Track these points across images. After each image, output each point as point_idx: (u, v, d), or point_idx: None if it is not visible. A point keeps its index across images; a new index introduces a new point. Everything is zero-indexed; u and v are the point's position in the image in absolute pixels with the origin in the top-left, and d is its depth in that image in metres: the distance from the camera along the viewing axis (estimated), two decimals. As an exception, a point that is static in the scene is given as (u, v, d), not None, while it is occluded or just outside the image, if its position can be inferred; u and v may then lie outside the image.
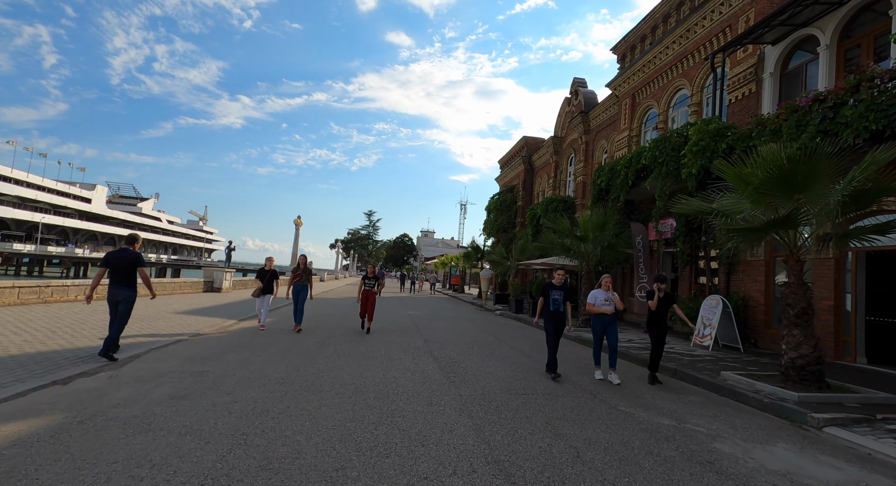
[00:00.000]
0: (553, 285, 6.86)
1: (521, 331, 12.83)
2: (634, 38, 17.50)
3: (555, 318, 6.77)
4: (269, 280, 9.86)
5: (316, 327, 10.62)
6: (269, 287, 9.90)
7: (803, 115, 8.28)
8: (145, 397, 4.39)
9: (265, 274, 9.96)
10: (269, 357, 6.71)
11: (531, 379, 6.38)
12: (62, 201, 75.57)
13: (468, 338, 10.41)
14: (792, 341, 6.36)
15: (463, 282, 39.33)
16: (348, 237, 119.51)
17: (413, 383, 5.66)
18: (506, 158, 34.59)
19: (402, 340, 9.45)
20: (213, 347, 7.33)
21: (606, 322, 6.77)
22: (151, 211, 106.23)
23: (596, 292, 6.92)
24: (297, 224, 29.62)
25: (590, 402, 5.34)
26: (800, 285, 6.42)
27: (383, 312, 15.88)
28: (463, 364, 7.11)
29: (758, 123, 9.38)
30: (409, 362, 6.96)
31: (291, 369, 6.02)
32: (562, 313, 6.77)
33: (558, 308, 6.76)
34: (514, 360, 7.89)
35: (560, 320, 6.79)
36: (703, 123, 10.57)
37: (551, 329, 6.82)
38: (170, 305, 12.87)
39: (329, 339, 8.97)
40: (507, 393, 5.44)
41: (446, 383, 5.75)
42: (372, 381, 5.62)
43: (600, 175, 15.74)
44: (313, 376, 5.64)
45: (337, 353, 7.44)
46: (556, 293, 6.77)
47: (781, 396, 5.89)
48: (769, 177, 6.12)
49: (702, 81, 13.88)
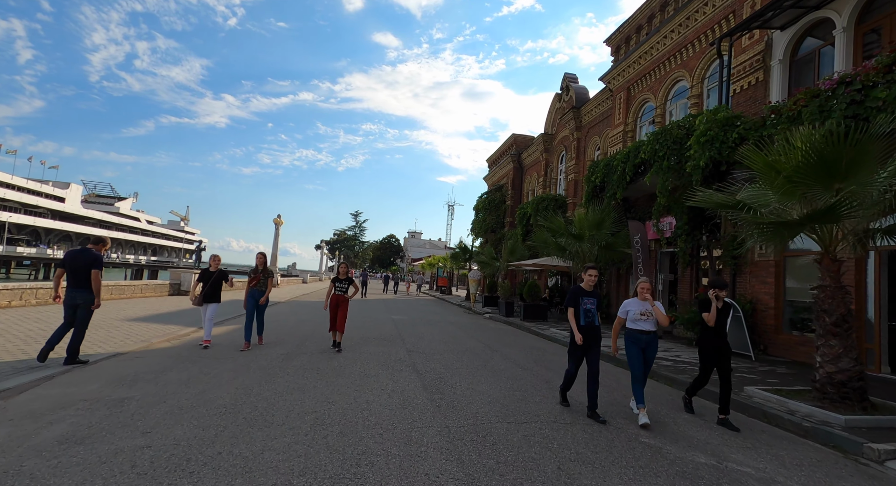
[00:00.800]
0: (582, 290, 5.09)
1: (514, 337, 11.89)
2: (629, 28, 16.76)
3: (588, 335, 5.00)
4: (214, 284, 7.69)
5: (289, 334, 9.52)
6: (215, 293, 7.70)
7: (826, 100, 7.51)
8: (24, 443, 3.27)
9: (209, 276, 7.75)
10: (218, 376, 5.62)
11: (531, 400, 5.42)
12: (34, 200, 72.57)
13: (456, 346, 9.42)
14: (829, 353, 5.52)
15: (450, 283, 38.37)
16: (334, 238, 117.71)
17: (390, 409, 4.65)
18: (494, 156, 33.75)
19: (381, 350, 8.42)
20: (155, 363, 6.20)
21: (644, 343, 4.96)
22: (130, 211, 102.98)
23: (629, 301, 5.14)
24: (277, 223, 28.33)
25: (605, 432, 4.39)
26: (837, 288, 5.59)
27: (364, 316, 14.81)
28: (451, 381, 6.12)
29: (772, 111, 8.60)
30: (387, 380, 5.94)
31: (242, 391, 4.96)
32: (597, 327, 5.05)
33: (592, 321, 5.00)
34: (509, 374, 6.93)
35: (595, 337, 5.04)
36: (711, 112, 9.77)
37: (578, 353, 5.08)
38: (124, 311, 11.62)
39: (298, 350, 7.89)
40: (504, 422, 4.47)
41: (431, 409, 4.75)
42: (339, 407, 4.59)
43: (595, 171, 14.93)
44: (266, 403, 4.59)
45: (303, 368, 6.38)
46: (588, 301, 5.05)
47: (823, 418, 5.03)
48: (805, 164, 5.27)
49: (702, 72, 13.15)
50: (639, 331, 5.01)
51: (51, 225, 75.22)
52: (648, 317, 5.00)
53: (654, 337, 5.05)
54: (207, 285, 7.65)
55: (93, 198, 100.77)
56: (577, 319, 5.03)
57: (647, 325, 5.00)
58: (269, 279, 8.13)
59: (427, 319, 15.42)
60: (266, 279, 8.10)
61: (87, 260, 5.84)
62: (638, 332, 5.02)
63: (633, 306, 5.08)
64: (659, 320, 5.00)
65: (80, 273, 5.78)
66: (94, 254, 5.96)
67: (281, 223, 28.48)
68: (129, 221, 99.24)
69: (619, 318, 5.10)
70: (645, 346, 5.00)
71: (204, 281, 7.76)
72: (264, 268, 8.14)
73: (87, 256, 5.89)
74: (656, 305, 5.03)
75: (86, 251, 5.96)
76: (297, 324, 11.76)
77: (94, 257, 5.91)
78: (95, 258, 5.92)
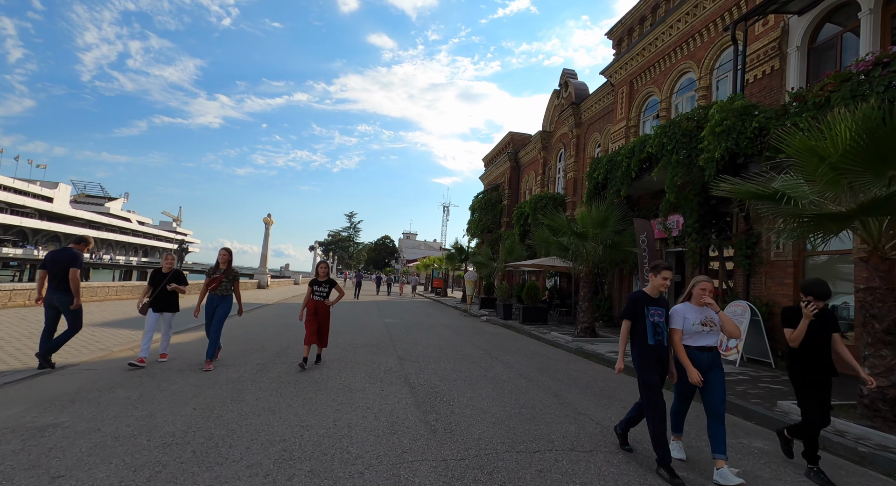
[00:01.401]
0: (647, 296, 3.82)
1: (514, 342, 11.16)
2: (632, 20, 16.13)
3: (658, 358, 3.67)
4: (163, 289, 6.24)
5: (270, 341, 8.73)
6: (169, 299, 6.29)
7: (858, 84, 6.85)
8: None
9: (161, 279, 6.28)
10: (177, 393, 4.83)
11: (541, 419, 4.68)
12: (20, 200, 71.09)
13: (453, 353, 8.67)
14: (880, 365, 4.83)
15: (446, 285, 37.62)
16: (328, 239, 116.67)
17: (375, 435, 3.89)
18: (490, 155, 33.08)
19: (370, 358, 7.65)
20: (106, 376, 5.37)
21: (706, 364, 3.65)
22: (120, 211, 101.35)
23: (683, 308, 3.79)
24: (267, 223, 27.46)
25: (633, 465, 3.66)
26: (889, 290, 4.90)
27: (355, 320, 14.02)
28: (447, 396, 5.37)
29: (796, 97, 7.93)
30: (374, 396, 5.18)
31: (200, 413, 4.18)
32: (667, 347, 3.73)
33: (662, 340, 3.68)
34: (513, 385, 6.19)
35: (664, 361, 3.71)
36: (727, 101, 9.10)
37: (654, 380, 3.66)
38: (92, 314, 10.74)
39: (277, 359, 7.10)
40: (513, 451, 3.73)
41: (425, 434, 4.00)
42: (314, 434, 3.83)
43: (597, 168, 14.26)
44: (226, 429, 3.82)
45: (279, 381, 5.60)
46: (655, 312, 3.73)
47: (880, 442, 4.33)
48: (855, 148, 4.59)
49: (711, 63, 12.50)
50: (698, 348, 3.68)
51: (38, 225, 73.75)
52: (712, 328, 3.71)
53: (717, 355, 3.74)
54: (158, 290, 6.18)
55: (82, 198, 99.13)
56: (643, 335, 3.70)
57: (710, 339, 3.71)
58: (235, 282, 6.49)
59: (421, 322, 14.66)
60: (231, 282, 6.43)
61: (66, 259, 5.66)
62: (697, 349, 3.68)
63: (691, 313, 3.73)
64: (727, 330, 3.70)
65: (59, 273, 5.63)
66: (73, 253, 5.78)
67: (271, 223, 27.61)
68: (120, 221, 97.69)
69: (675, 331, 3.72)
70: (707, 367, 3.65)
71: (154, 285, 6.26)
72: (228, 267, 6.47)
73: (65, 255, 5.71)
74: (723, 313, 3.75)
75: (65, 250, 5.80)
76: (280, 329, 10.96)
77: (72, 256, 5.72)
78: (74, 257, 5.73)
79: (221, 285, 6.34)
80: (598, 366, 8.44)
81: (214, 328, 6.25)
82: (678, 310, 3.79)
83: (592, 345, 10.30)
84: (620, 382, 7.00)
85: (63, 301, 5.66)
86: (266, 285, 27.70)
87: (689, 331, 3.70)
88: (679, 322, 3.73)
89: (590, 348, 9.80)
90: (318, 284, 6.83)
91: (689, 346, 3.69)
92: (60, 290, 5.64)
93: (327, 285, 6.85)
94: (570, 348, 10.17)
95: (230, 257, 6.54)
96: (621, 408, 5.37)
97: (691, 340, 3.70)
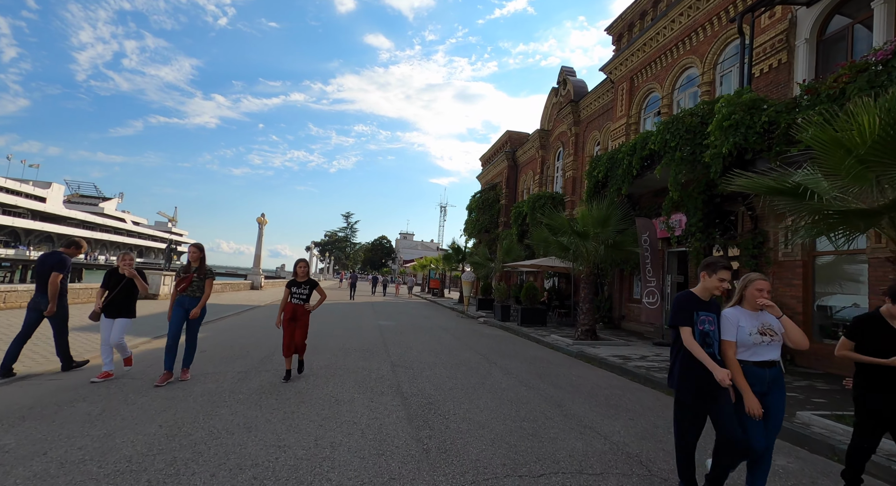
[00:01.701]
0: (697, 299, 3.08)
1: (512, 345, 10.77)
2: (632, 15, 15.79)
3: (707, 374, 2.85)
4: (125, 291, 5.53)
5: (256, 345, 8.30)
6: (126, 303, 5.54)
7: (876, 74, 6.51)
8: None
9: (118, 281, 5.53)
10: (144, 407, 4.40)
11: (544, 435, 4.28)
12: (12, 200, 70.27)
13: (449, 359, 8.27)
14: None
15: (443, 285, 37.21)
16: (325, 239, 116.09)
17: (361, 457, 3.49)
18: (488, 154, 32.71)
19: (361, 364, 7.24)
20: (69, 388, 4.91)
21: (768, 383, 2.96)
22: (115, 211, 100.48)
23: (735, 313, 3.04)
24: (261, 222, 27.00)
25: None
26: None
27: (348, 322, 13.60)
28: (442, 408, 4.97)
29: (808, 90, 7.57)
30: (362, 409, 4.77)
31: (166, 432, 3.75)
32: (719, 361, 2.96)
33: (713, 353, 2.94)
34: (513, 395, 5.79)
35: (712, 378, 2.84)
36: (735, 94, 8.74)
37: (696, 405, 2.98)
38: (75, 318, 10.27)
39: (261, 366, 6.68)
40: (514, 475, 3.33)
41: (416, 455, 3.60)
42: (291, 456, 3.42)
43: (597, 165, 13.90)
44: (192, 451, 3.40)
45: (260, 392, 5.19)
46: (706, 319, 3.00)
47: (914, 459, 3.95)
48: (885, 139, 4.21)
49: (714, 57, 12.17)
50: (756, 363, 2.93)
51: (31, 225, 72.96)
52: (773, 337, 2.94)
53: (780, 372, 3.00)
54: (114, 293, 5.47)
55: (76, 198, 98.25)
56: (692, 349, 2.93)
57: (771, 351, 2.95)
58: (207, 281, 5.75)
59: (417, 324, 14.25)
60: (202, 281, 5.69)
61: (51, 263, 5.54)
62: (756, 365, 2.93)
63: (745, 319, 2.98)
64: (793, 340, 2.96)
65: (43, 277, 5.52)
66: (60, 257, 5.65)
67: (265, 223, 27.14)
68: (114, 221, 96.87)
69: (728, 343, 2.95)
70: (768, 388, 2.95)
71: (110, 287, 5.53)
72: (200, 265, 5.72)
73: (51, 259, 5.62)
74: (786, 318, 3.01)
75: (53, 254, 5.71)
76: (268, 332, 10.52)
77: (56, 260, 5.58)
78: (58, 261, 5.59)
79: (192, 284, 5.61)
80: (600, 371, 8.06)
81: (190, 337, 5.66)
82: (729, 316, 3.02)
83: (594, 349, 9.92)
84: (626, 389, 6.62)
85: (43, 305, 5.54)
86: (259, 286, 27.23)
87: (745, 342, 2.94)
88: (732, 332, 2.95)
89: (591, 352, 9.42)
90: (297, 285, 6.00)
91: (746, 361, 2.95)
92: (44, 294, 5.51)
93: (307, 286, 6.03)
94: (571, 352, 9.79)
95: (202, 255, 5.78)
96: (629, 420, 4.99)
97: (748, 353, 2.95)
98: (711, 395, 2.88)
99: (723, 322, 3.02)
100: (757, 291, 2.98)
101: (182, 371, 5.64)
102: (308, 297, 6.02)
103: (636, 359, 8.78)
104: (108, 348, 5.46)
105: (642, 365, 8.17)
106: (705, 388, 2.88)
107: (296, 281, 6.04)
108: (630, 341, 11.74)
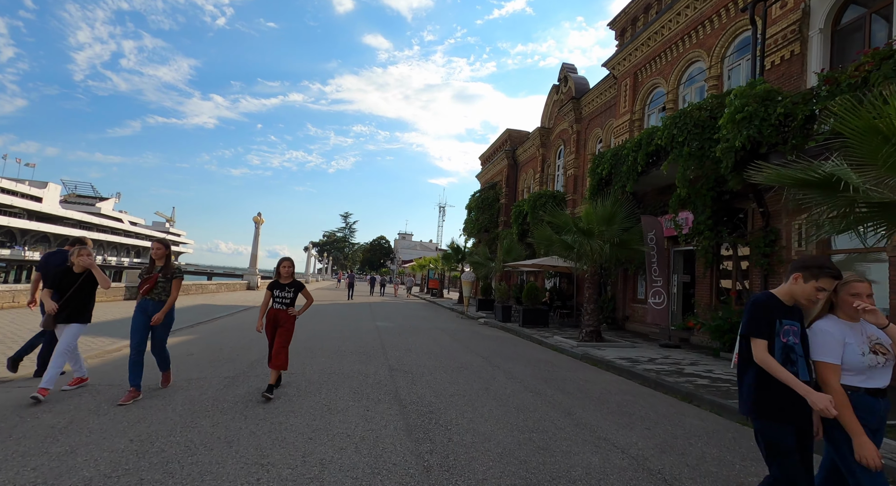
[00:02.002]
0: (780, 303, 2.38)
1: (515, 347, 10.40)
2: (636, 8, 15.44)
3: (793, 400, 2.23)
4: (80, 292, 4.73)
5: (246, 349, 7.91)
6: (80, 306, 4.73)
7: (901, 61, 6.15)
8: None
9: (71, 280, 4.73)
10: (113, 419, 4.00)
11: (556, 448, 3.91)
12: (8, 200, 69.74)
13: (450, 362, 7.90)
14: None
15: (442, 286, 36.84)
16: (324, 240, 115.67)
17: (353, 478, 3.11)
18: (487, 153, 32.36)
19: (358, 369, 6.86)
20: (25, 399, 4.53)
21: (878, 418, 2.32)
22: (112, 211, 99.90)
23: (834, 326, 2.35)
24: (257, 222, 26.59)
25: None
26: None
27: (345, 323, 13.20)
28: (444, 417, 4.59)
29: (826, 80, 7.21)
30: (357, 419, 4.39)
31: (135, 448, 3.36)
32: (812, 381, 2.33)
33: (797, 373, 2.26)
34: (519, 402, 5.42)
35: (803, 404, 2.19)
36: (748, 86, 8.39)
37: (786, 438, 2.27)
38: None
39: (250, 371, 6.30)
40: (525, 497, 2.95)
41: (416, 474, 3.22)
42: (276, 477, 3.04)
43: (601, 162, 13.56)
44: (161, 471, 3.00)
45: (246, 400, 4.80)
46: (790, 328, 2.32)
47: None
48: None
49: (722, 50, 11.81)
50: (869, 391, 2.30)
51: (27, 225, 72.45)
52: (887, 356, 2.31)
53: (888, 404, 2.38)
54: (66, 295, 4.64)
55: (73, 198, 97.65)
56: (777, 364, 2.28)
57: (885, 375, 2.32)
58: (174, 282, 4.93)
59: (416, 326, 13.87)
60: (168, 282, 4.88)
61: (58, 262, 5.44)
62: (868, 393, 2.30)
63: (851, 335, 2.32)
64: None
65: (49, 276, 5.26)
66: (65, 256, 5.49)
67: (261, 222, 26.74)
68: (111, 221, 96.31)
69: (828, 367, 2.28)
70: (878, 424, 2.33)
71: (62, 289, 4.67)
72: (166, 264, 4.93)
73: (59, 257, 5.56)
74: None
75: (59, 253, 5.69)
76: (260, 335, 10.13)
77: (64, 258, 5.42)
78: (66, 259, 5.35)
79: (157, 286, 4.80)
80: (608, 375, 7.69)
81: (156, 348, 4.91)
82: (830, 331, 2.31)
83: (600, 351, 9.55)
84: (637, 395, 6.25)
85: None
86: (256, 287, 26.82)
87: (855, 366, 2.27)
88: (837, 352, 2.26)
89: (597, 355, 9.05)
90: (280, 287, 5.23)
91: (853, 387, 2.28)
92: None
93: (292, 288, 5.25)
94: (576, 355, 9.42)
95: (167, 252, 4.98)
96: (645, 429, 4.62)
97: (856, 378, 2.29)
98: (803, 430, 2.29)
99: (820, 338, 2.32)
100: (851, 297, 2.32)
101: (163, 377, 5.13)
102: (293, 301, 5.27)
103: (644, 362, 8.42)
104: (62, 359, 4.56)
105: (651, 368, 7.81)
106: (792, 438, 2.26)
107: (279, 283, 5.28)
108: (636, 342, 11.37)
